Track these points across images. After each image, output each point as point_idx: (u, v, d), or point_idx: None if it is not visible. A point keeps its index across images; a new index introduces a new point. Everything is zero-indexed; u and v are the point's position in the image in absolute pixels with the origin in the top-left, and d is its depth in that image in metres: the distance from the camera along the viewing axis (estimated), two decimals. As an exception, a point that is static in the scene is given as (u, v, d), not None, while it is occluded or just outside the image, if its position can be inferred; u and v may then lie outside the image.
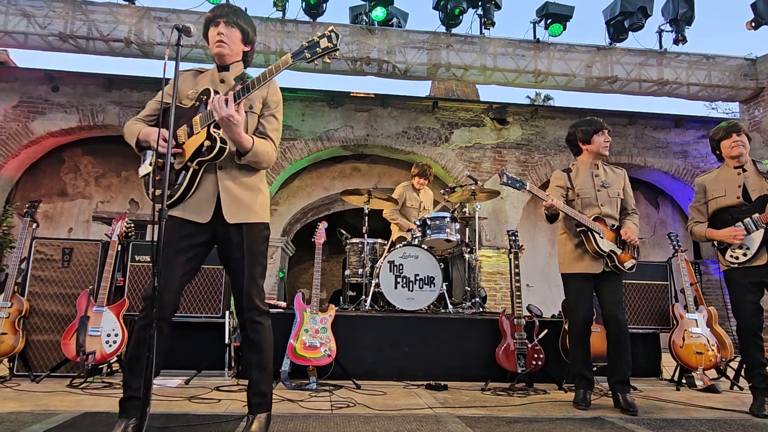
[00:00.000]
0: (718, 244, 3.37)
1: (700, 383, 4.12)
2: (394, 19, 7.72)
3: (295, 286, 12.91)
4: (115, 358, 3.72)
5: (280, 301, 4.71)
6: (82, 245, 4.12)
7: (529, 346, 3.95)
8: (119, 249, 4.02)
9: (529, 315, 4.16)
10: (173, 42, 2.08)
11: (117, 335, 3.67)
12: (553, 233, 8.66)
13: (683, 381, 4.25)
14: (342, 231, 5.48)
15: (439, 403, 3.21)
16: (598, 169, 3.47)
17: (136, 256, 4.18)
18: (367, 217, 5.16)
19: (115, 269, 3.89)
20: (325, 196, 9.47)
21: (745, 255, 3.23)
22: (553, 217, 3.34)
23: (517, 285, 4.08)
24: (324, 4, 7.40)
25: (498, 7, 7.67)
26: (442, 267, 4.73)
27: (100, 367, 3.71)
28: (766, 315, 3.34)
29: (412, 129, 8.94)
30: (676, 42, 7.78)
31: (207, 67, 2.46)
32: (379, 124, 8.86)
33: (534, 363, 3.91)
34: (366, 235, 5.09)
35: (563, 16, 7.66)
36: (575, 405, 3.20)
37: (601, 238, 3.25)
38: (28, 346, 3.86)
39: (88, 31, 7.03)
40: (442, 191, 5.65)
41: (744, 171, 3.35)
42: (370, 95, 8.87)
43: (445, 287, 4.74)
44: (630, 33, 7.77)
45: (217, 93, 2.15)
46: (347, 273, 5.21)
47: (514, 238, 4.27)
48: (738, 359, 4.24)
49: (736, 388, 4.14)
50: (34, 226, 4.20)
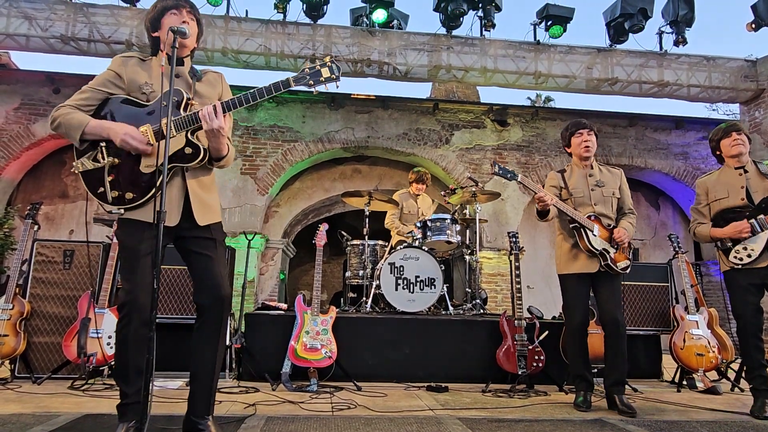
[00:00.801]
0: (720, 245, 3.37)
1: (700, 385, 4.12)
2: (395, 21, 7.73)
3: (295, 287, 12.91)
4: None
5: (280, 303, 4.72)
6: (84, 247, 4.12)
7: (530, 347, 3.95)
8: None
9: (529, 316, 4.16)
10: (169, 44, 2.08)
11: (118, 337, 3.66)
12: (552, 233, 8.67)
13: (684, 383, 4.24)
14: (343, 233, 5.48)
15: (440, 405, 3.21)
16: (592, 169, 3.48)
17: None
18: (367, 219, 5.16)
19: (116, 271, 3.90)
20: (326, 197, 9.47)
21: (749, 256, 3.22)
22: (543, 213, 3.30)
23: (518, 287, 4.08)
24: (325, 6, 7.42)
25: (498, 8, 7.67)
26: (443, 269, 4.73)
27: (101, 368, 3.71)
28: (766, 316, 3.34)
29: (412, 131, 8.95)
30: (676, 43, 7.79)
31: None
32: (379, 126, 8.87)
33: (535, 365, 3.91)
34: (367, 236, 5.09)
35: (563, 18, 7.67)
36: (576, 407, 3.20)
37: (594, 236, 3.25)
38: (30, 348, 3.86)
39: (89, 34, 7.05)
40: (442, 193, 5.65)
41: (745, 172, 3.35)
42: (371, 97, 8.88)
43: (445, 289, 4.75)
44: (630, 35, 7.77)
45: (180, 92, 2.13)
46: (348, 275, 5.21)
47: (514, 239, 4.27)
48: (738, 361, 4.24)
49: (736, 389, 4.14)
50: (36, 228, 4.20)
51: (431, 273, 4.65)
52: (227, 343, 4.07)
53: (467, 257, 5.23)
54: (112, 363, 3.72)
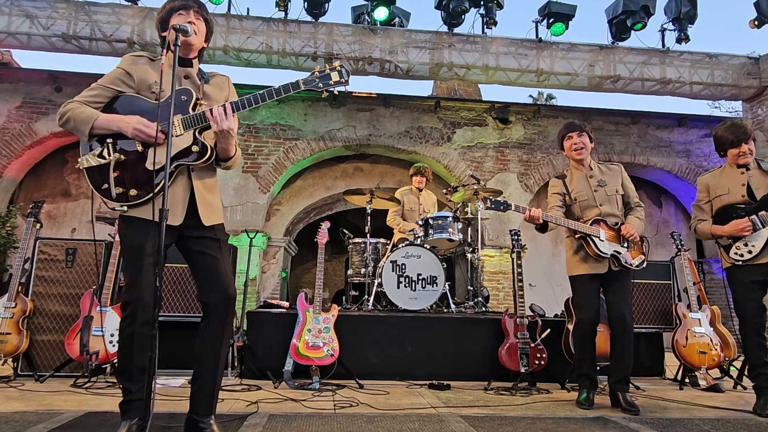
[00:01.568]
0: (722, 241, 3.36)
1: (703, 382, 4.11)
2: (396, 19, 7.72)
3: (297, 285, 12.92)
4: (119, 358, 3.73)
5: (282, 301, 4.72)
6: (86, 245, 4.13)
7: (532, 345, 3.95)
8: (122, 249, 4.02)
9: (531, 314, 4.15)
10: (171, 41, 2.07)
11: (120, 335, 3.67)
12: (556, 233, 8.64)
13: (686, 380, 4.24)
14: (345, 231, 5.48)
15: (442, 403, 3.21)
16: (591, 169, 3.45)
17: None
18: (369, 217, 5.16)
19: (119, 269, 3.90)
20: (328, 195, 9.47)
21: (750, 252, 3.22)
22: (543, 227, 3.28)
23: (520, 284, 4.08)
24: (326, 4, 7.41)
25: (500, 6, 7.66)
26: (445, 267, 4.73)
27: (104, 366, 3.72)
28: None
29: (414, 129, 8.94)
30: (678, 41, 7.76)
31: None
32: (381, 124, 8.86)
33: (537, 362, 3.91)
34: (368, 234, 5.09)
35: (565, 15, 7.65)
36: (578, 404, 3.20)
37: (602, 240, 3.23)
38: (32, 346, 3.87)
39: (91, 32, 7.05)
40: (444, 191, 5.65)
41: (747, 169, 3.35)
42: (373, 95, 8.88)
43: (447, 287, 4.74)
44: (632, 32, 7.75)
45: (190, 92, 2.14)
46: (350, 273, 5.21)
47: (516, 237, 4.27)
48: (741, 358, 4.23)
49: (739, 387, 4.14)
50: (38, 226, 4.21)
51: (433, 271, 4.65)
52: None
53: (469, 255, 5.22)
54: (115, 361, 3.72)
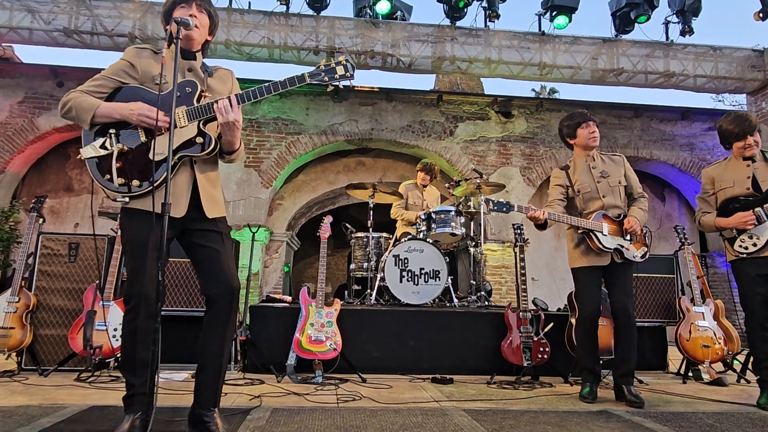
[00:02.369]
0: (726, 234, 3.35)
1: (706, 376, 4.11)
2: (398, 13, 7.68)
3: (300, 280, 12.94)
4: (122, 352, 3.74)
5: (285, 296, 4.72)
6: (89, 240, 4.13)
7: (535, 339, 3.94)
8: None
9: (534, 308, 4.15)
10: (173, 33, 2.06)
11: (124, 329, 3.68)
12: (558, 226, 8.63)
13: (690, 374, 4.23)
14: (347, 225, 5.48)
15: (445, 397, 3.21)
16: (594, 160, 3.44)
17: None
18: (372, 211, 5.15)
19: (122, 264, 3.91)
20: (330, 190, 9.47)
21: (755, 245, 3.20)
22: (542, 225, 3.26)
23: (523, 278, 4.07)
24: (328, -2, 7.38)
25: (503, -1, 7.62)
26: (447, 261, 4.73)
27: (107, 361, 3.73)
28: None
29: (416, 123, 8.91)
30: (682, 33, 7.71)
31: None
32: (383, 118, 8.83)
33: (539, 356, 3.91)
34: (371, 229, 5.09)
35: (569, 8, 7.59)
36: (581, 398, 3.20)
37: (604, 235, 3.22)
38: (36, 340, 3.89)
39: (92, 27, 7.04)
40: (447, 185, 5.64)
41: (753, 161, 3.33)
42: (375, 89, 8.84)
43: (450, 281, 4.74)
44: (636, 24, 7.69)
45: (195, 84, 2.14)
46: (352, 267, 5.21)
47: (519, 231, 4.26)
48: (745, 352, 4.22)
49: (743, 381, 4.12)
50: (41, 221, 4.22)
51: (436, 265, 4.64)
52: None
53: (472, 249, 5.22)
54: (118, 355, 3.74)
